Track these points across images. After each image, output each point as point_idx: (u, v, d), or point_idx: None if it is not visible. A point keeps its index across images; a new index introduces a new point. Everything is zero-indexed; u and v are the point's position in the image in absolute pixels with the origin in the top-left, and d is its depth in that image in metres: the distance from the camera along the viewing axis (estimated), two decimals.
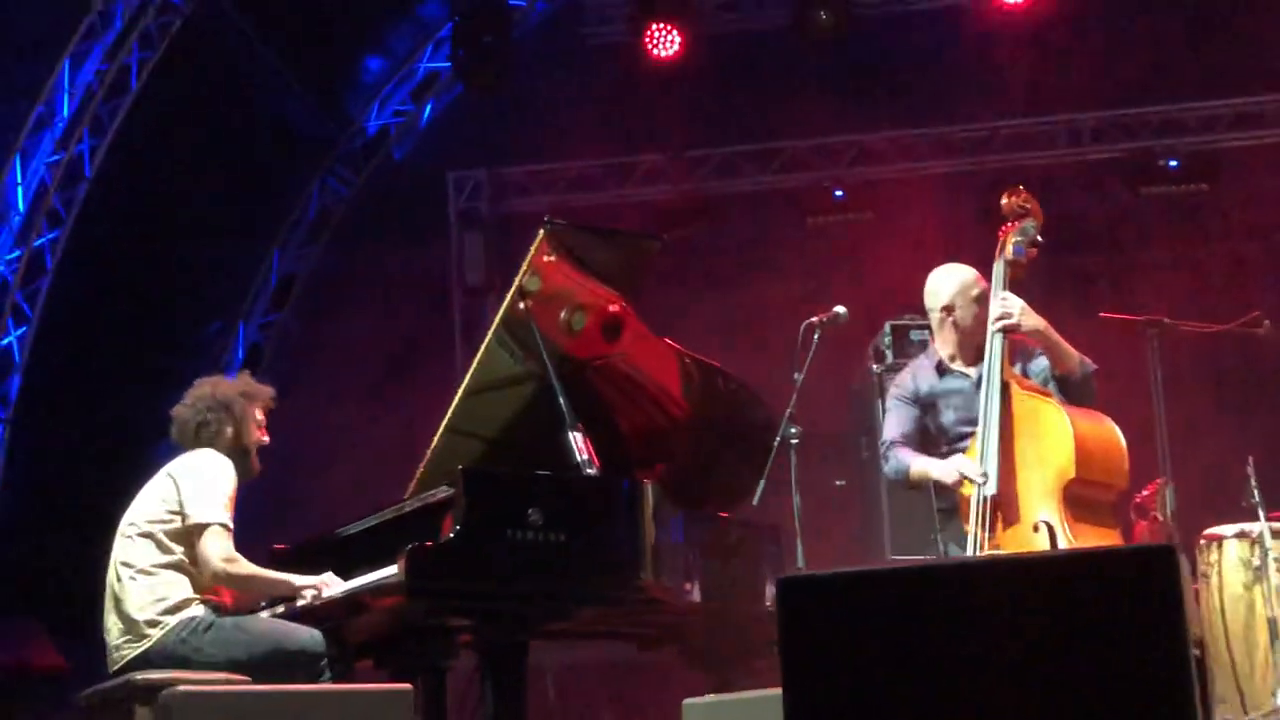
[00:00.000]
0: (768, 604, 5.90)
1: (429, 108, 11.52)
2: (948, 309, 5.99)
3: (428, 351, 10.68)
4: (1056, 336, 5.76)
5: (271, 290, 11.56)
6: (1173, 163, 10.41)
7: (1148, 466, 6.12)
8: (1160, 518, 6.21)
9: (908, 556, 7.25)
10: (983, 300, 5.91)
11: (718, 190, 10.88)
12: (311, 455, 9.75)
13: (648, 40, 10.30)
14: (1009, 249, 5.89)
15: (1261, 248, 10.22)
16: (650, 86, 10.46)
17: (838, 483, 5.75)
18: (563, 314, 5.94)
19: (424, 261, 11.07)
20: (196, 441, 5.61)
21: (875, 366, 7.81)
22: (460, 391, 5.82)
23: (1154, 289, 9.19)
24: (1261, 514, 6.34)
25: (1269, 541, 6.27)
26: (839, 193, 10.76)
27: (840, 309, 5.82)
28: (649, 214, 10.58)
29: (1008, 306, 5.75)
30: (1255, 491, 6.41)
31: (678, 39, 10.27)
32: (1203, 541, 6.57)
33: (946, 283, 6.02)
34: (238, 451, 5.61)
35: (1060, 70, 10.29)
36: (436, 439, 5.87)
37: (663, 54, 10.30)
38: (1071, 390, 5.75)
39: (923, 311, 7.55)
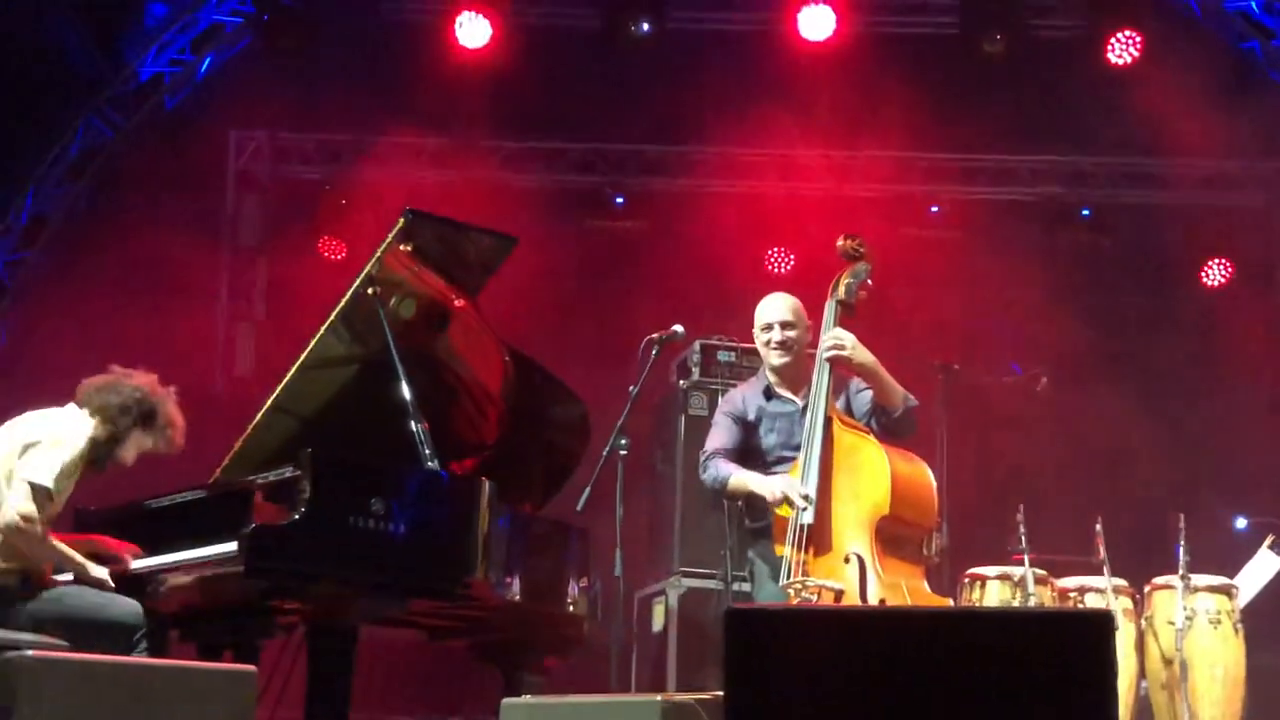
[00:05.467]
0: (569, 605, 6.03)
1: (208, 60, 11.17)
2: (783, 326, 6.13)
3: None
4: (884, 371, 5.99)
5: (22, 227, 11.02)
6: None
7: None
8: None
9: (695, 569, 7.46)
10: (812, 332, 6.12)
11: (501, 181, 10.81)
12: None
13: (455, 25, 10.21)
14: (841, 289, 6.06)
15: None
16: (448, 71, 10.35)
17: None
18: (393, 301, 5.94)
19: (190, 214, 10.72)
20: (91, 410, 5.42)
21: (681, 382, 7.92)
22: (293, 370, 5.75)
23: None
24: (1026, 559, 6.79)
25: (1031, 586, 6.72)
26: (620, 199, 10.92)
27: (678, 327, 5.93)
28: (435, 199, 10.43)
29: (840, 339, 5.95)
30: (1023, 538, 6.85)
31: (488, 27, 10.21)
32: (966, 580, 7.00)
33: (783, 307, 6.19)
34: (104, 451, 5.45)
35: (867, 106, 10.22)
36: (260, 415, 5.80)
37: (471, 44, 10.22)
38: (893, 423, 5.99)
39: (726, 332, 7.77)
